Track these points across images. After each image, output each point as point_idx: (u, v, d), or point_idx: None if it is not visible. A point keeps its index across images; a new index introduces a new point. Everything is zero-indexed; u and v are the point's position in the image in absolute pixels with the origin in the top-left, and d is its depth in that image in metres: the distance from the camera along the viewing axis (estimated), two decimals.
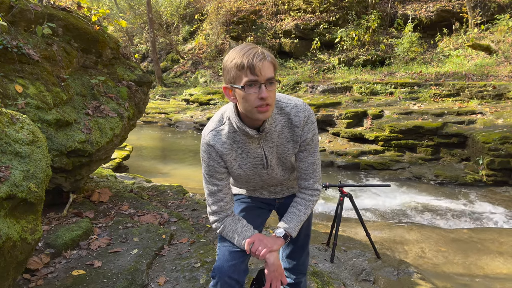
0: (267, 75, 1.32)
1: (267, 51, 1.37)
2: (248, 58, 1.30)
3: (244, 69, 1.31)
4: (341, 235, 3.80)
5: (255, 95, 1.33)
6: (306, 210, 1.66)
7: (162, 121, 12.07)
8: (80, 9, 4.01)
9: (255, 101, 1.34)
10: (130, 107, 3.89)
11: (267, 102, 1.34)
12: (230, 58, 1.35)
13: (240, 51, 1.33)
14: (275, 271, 1.56)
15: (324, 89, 10.35)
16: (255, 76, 1.31)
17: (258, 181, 1.67)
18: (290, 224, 1.63)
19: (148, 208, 3.74)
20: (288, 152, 1.58)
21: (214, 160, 1.54)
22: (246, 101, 1.36)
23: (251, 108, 1.37)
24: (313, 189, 1.66)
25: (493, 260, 3.48)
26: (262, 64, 1.31)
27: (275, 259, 1.56)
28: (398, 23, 12.51)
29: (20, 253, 1.86)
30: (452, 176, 5.94)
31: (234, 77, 1.35)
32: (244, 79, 1.32)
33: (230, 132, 1.51)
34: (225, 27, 15.41)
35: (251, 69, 1.30)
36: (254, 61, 1.30)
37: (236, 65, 1.33)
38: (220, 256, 1.61)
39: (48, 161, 2.16)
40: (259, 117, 1.39)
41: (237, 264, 1.58)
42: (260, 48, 1.34)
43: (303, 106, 1.53)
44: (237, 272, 1.57)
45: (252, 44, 1.37)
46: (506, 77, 8.49)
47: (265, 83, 1.33)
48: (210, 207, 1.62)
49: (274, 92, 1.38)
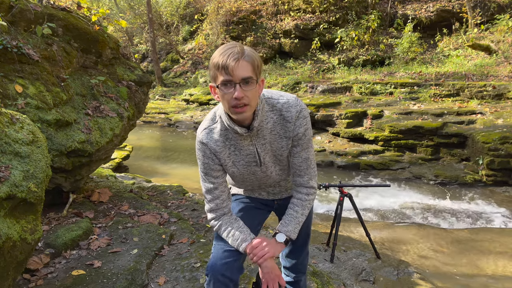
0: (241, 75, 1.32)
1: (249, 50, 1.36)
2: (223, 58, 1.32)
3: (219, 69, 1.33)
4: (341, 235, 3.80)
5: (230, 94, 1.34)
6: (304, 210, 1.65)
7: (162, 121, 12.06)
8: (80, 9, 4.01)
9: (231, 100, 1.35)
10: (130, 107, 3.89)
11: (243, 102, 1.35)
12: (212, 57, 1.37)
13: (220, 50, 1.35)
14: (270, 272, 1.56)
15: (324, 89, 10.35)
16: (229, 76, 1.32)
17: (254, 180, 1.67)
18: (289, 227, 1.63)
19: (148, 208, 3.74)
20: (283, 149, 1.58)
21: (209, 158, 1.56)
22: (224, 100, 1.38)
23: (228, 107, 1.38)
24: (308, 187, 1.64)
25: (493, 260, 3.48)
26: (236, 64, 1.31)
27: (268, 261, 1.56)
28: (398, 23, 12.51)
29: (20, 253, 1.86)
30: (452, 176, 5.94)
31: (213, 76, 1.38)
32: (220, 78, 1.34)
33: (222, 130, 1.53)
34: (225, 27, 15.41)
35: (225, 69, 1.32)
36: (228, 61, 1.31)
37: (214, 65, 1.35)
38: (214, 254, 1.62)
39: (48, 161, 2.16)
40: (236, 117, 1.41)
41: (231, 262, 1.58)
42: (239, 47, 1.34)
43: (294, 101, 1.53)
44: (230, 270, 1.57)
45: (234, 43, 1.37)
46: (506, 77, 8.48)
47: (240, 83, 1.33)
48: (207, 205, 1.65)
49: (252, 92, 1.36)
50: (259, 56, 1.41)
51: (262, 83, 1.43)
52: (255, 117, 1.45)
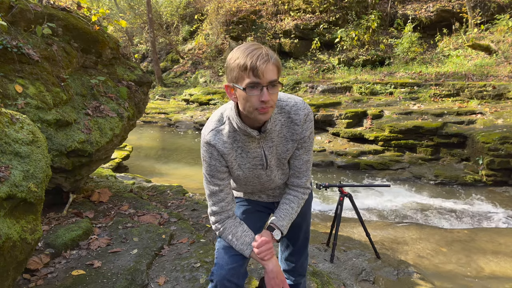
0: (269, 78, 1.30)
1: (272, 52, 1.34)
2: (251, 60, 1.28)
3: (247, 71, 1.29)
4: (341, 235, 3.80)
5: (257, 97, 1.32)
6: (298, 208, 1.67)
7: (162, 121, 12.06)
8: (80, 9, 4.01)
9: (256, 103, 1.33)
10: (130, 107, 3.89)
11: (269, 104, 1.34)
12: (234, 57, 1.32)
13: (245, 51, 1.30)
14: (275, 278, 1.54)
15: (324, 89, 10.35)
16: (258, 79, 1.29)
17: (257, 183, 1.66)
18: (284, 222, 1.63)
19: (148, 208, 3.74)
20: (288, 152, 1.58)
21: (216, 160, 1.52)
22: (247, 102, 1.34)
23: (252, 109, 1.35)
24: (305, 187, 1.67)
25: (493, 260, 3.48)
26: (265, 67, 1.28)
27: (274, 266, 1.54)
28: (398, 23, 12.51)
29: (20, 253, 1.86)
30: (452, 176, 5.94)
31: (236, 77, 1.33)
32: (247, 80, 1.30)
33: (231, 131, 1.50)
34: (225, 27, 15.41)
35: (254, 71, 1.28)
36: (257, 63, 1.27)
37: (239, 65, 1.30)
38: (219, 259, 1.59)
39: (48, 161, 2.16)
40: (260, 118, 1.38)
41: (236, 267, 1.56)
42: (265, 49, 1.31)
43: (302, 104, 1.53)
44: (236, 276, 1.55)
45: (257, 44, 1.34)
46: (506, 77, 8.48)
47: (267, 86, 1.31)
48: (211, 208, 1.61)
49: (276, 95, 1.36)
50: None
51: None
52: (268, 119, 1.44)
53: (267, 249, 1.55)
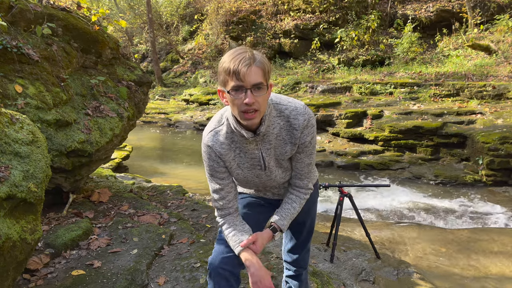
0: (253, 81, 1.32)
1: (259, 55, 1.36)
2: (234, 63, 1.31)
3: (230, 74, 1.33)
4: (341, 235, 3.80)
5: (241, 100, 1.34)
6: (299, 208, 1.71)
7: (162, 121, 12.06)
8: (80, 9, 4.01)
9: (241, 105, 1.35)
10: (130, 107, 3.89)
11: (253, 107, 1.35)
12: (222, 61, 1.37)
13: (230, 55, 1.35)
14: (258, 282, 1.53)
15: (323, 89, 10.35)
16: (241, 82, 1.32)
17: (258, 182, 1.68)
18: (285, 221, 1.67)
19: (148, 208, 3.74)
20: (286, 154, 1.59)
21: (214, 161, 1.57)
22: (234, 105, 1.38)
23: (238, 112, 1.38)
24: (307, 188, 1.70)
25: (493, 260, 3.48)
26: (247, 70, 1.31)
27: (255, 269, 1.52)
28: (398, 23, 12.51)
29: (19, 253, 1.86)
30: (452, 176, 5.94)
31: (223, 81, 1.37)
32: (231, 83, 1.34)
33: (228, 132, 1.53)
34: (225, 27, 15.41)
35: (236, 75, 1.31)
36: (239, 67, 1.30)
37: (224, 69, 1.34)
38: (216, 249, 1.67)
39: (48, 161, 2.16)
40: (245, 122, 1.41)
41: (232, 257, 1.61)
42: (250, 52, 1.34)
43: (303, 109, 1.53)
44: (230, 264, 1.60)
45: (244, 48, 1.37)
46: (506, 77, 8.48)
47: (251, 89, 1.33)
48: (215, 202, 1.68)
49: (263, 97, 1.37)
50: (268, 61, 1.41)
51: (270, 87, 1.42)
52: (262, 122, 1.46)
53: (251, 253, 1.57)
